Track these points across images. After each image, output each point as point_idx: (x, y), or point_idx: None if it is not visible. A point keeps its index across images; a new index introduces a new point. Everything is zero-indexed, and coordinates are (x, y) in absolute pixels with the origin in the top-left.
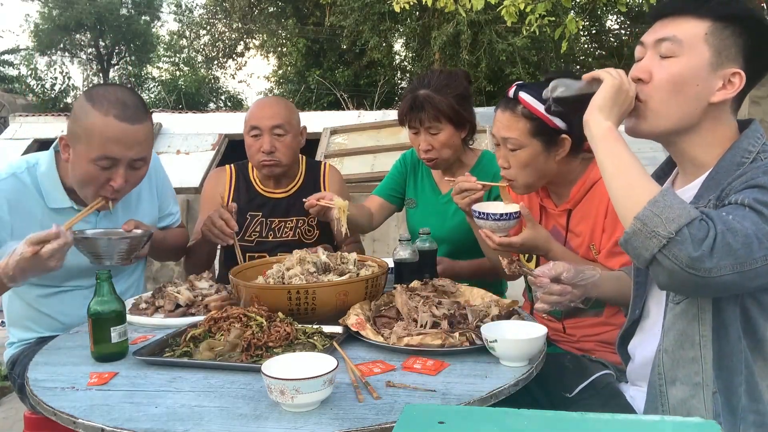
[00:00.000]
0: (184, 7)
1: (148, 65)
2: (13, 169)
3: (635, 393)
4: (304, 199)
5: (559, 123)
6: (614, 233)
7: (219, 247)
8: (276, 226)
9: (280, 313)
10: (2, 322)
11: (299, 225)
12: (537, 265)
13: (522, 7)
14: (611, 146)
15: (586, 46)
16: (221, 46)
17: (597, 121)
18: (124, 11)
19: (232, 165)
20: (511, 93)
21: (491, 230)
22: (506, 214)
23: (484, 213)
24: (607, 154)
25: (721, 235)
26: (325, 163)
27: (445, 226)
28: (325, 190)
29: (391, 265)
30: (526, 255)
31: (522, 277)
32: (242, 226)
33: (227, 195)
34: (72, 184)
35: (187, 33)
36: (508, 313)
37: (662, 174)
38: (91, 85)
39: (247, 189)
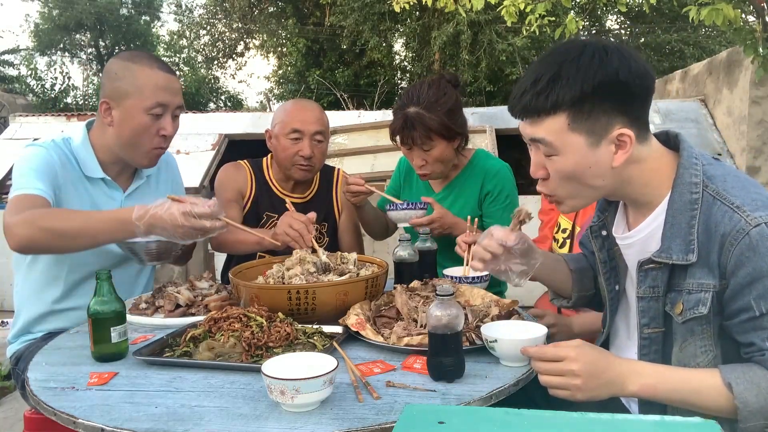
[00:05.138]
0: (184, 7)
1: None
2: (51, 138)
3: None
4: (349, 185)
5: None
6: None
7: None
8: None
9: (280, 314)
10: (3, 321)
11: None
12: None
13: (522, 7)
14: (657, 397)
15: None
16: (221, 46)
17: (632, 392)
18: (124, 11)
19: (247, 161)
20: None
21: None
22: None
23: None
24: (664, 400)
25: None
26: (338, 171)
27: None
28: (336, 197)
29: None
30: None
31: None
32: (258, 226)
33: (248, 191)
34: (119, 145)
35: (187, 33)
36: (508, 313)
37: (610, 201)
38: (118, 52)
39: (266, 188)
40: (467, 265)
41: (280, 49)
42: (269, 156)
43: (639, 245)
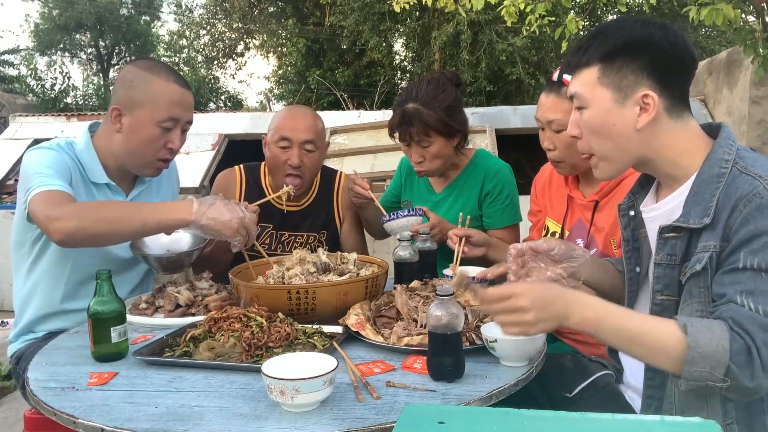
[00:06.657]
0: (184, 7)
1: None
2: (56, 142)
3: (634, 394)
4: (354, 185)
5: None
6: None
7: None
8: (286, 239)
9: (280, 314)
10: (3, 321)
11: (309, 240)
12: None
13: (522, 7)
14: (599, 333)
15: None
16: (221, 46)
17: (574, 324)
18: (124, 11)
19: (241, 167)
20: (555, 76)
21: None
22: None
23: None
24: (608, 340)
25: (763, 346)
26: (340, 174)
27: None
28: (338, 202)
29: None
30: None
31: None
32: None
33: (237, 198)
34: (125, 152)
35: (187, 33)
36: None
37: (643, 184)
38: (134, 59)
39: (258, 196)
40: (457, 259)
41: (280, 49)
42: None
43: (663, 218)
